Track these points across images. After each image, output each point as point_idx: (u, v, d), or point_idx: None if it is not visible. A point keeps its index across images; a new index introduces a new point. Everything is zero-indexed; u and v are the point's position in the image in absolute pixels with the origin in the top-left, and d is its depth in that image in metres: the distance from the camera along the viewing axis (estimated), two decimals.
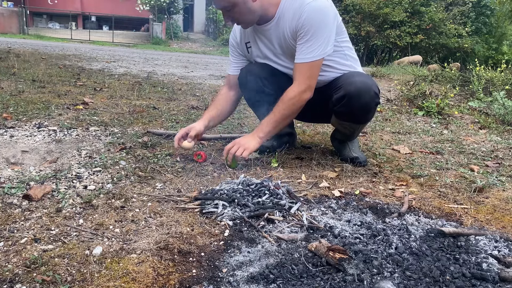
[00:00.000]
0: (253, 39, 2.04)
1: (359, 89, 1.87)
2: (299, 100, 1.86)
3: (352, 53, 2.04)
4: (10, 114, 2.59)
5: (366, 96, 1.88)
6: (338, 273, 1.08)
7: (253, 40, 2.04)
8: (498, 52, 16.70)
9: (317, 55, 1.81)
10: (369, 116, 2.01)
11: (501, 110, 3.73)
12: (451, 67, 6.49)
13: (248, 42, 2.08)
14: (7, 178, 1.61)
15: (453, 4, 15.37)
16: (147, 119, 2.82)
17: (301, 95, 1.85)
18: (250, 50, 2.09)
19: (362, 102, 1.89)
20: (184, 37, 20.11)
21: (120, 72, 5.55)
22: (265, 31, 1.94)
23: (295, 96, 1.85)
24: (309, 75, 1.85)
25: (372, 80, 1.95)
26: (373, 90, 1.88)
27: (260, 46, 2.02)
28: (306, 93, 1.86)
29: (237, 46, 2.15)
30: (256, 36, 2.01)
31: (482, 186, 1.85)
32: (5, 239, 1.17)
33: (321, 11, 1.78)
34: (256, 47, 2.05)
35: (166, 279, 1.03)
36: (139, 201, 1.50)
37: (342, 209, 1.53)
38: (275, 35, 1.92)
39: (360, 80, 1.89)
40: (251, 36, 2.04)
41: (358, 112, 1.94)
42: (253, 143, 1.87)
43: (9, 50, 7.39)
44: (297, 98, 1.85)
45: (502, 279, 1.07)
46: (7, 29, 16.36)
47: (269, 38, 1.96)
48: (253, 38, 2.03)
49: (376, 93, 1.90)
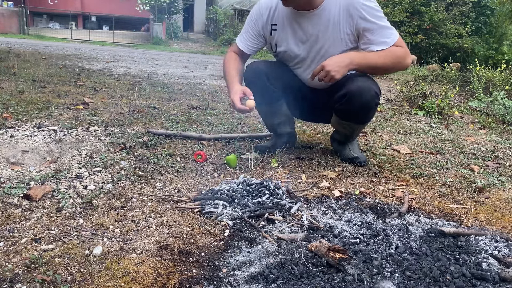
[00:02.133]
0: (282, 23, 1.98)
1: (360, 88, 1.88)
2: (402, 63, 1.87)
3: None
4: (10, 114, 2.59)
5: (367, 95, 1.88)
6: (338, 273, 1.08)
7: (281, 24, 1.98)
8: (498, 52, 16.68)
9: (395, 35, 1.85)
10: (369, 115, 2.02)
11: (501, 110, 3.73)
12: (451, 67, 6.49)
13: (274, 24, 2.01)
14: (7, 178, 1.61)
15: (453, 4, 15.36)
16: (147, 119, 2.82)
17: (405, 58, 1.86)
18: (274, 33, 2.02)
19: (363, 101, 1.89)
20: (184, 37, 20.11)
21: (120, 72, 5.55)
22: (304, 17, 1.90)
23: (402, 57, 1.85)
24: (403, 43, 1.88)
25: (374, 81, 1.96)
26: (373, 90, 1.89)
27: (288, 31, 1.97)
28: (408, 59, 1.88)
29: (259, 24, 2.04)
30: (287, 21, 1.96)
31: (482, 186, 1.85)
32: (5, 239, 1.17)
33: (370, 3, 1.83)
34: (282, 30, 1.99)
35: (166, 279, 1.03)
36: (139, 201, 1.50)
37: (342, 209, 1.53)
38: (314, 23, 1.89)
39: (362, 79, 1.90)
40: (280, 19, 1.98)
41: (359, 111, 1.94)
42: (342, 73, 1.80)
43: (9, 50, 7.39)
44: (402, 60, 1.86)
45: (502, 279, 1.07)
46: (7, 29, 16.36)
47: (304, 24, 1.92)
48: (283, 21, 1.97)
49: (377, 93, 1.91)
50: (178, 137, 2.38)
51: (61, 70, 5.06)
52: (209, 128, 2.71)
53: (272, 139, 2.31)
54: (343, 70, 1.79)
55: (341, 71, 1.78)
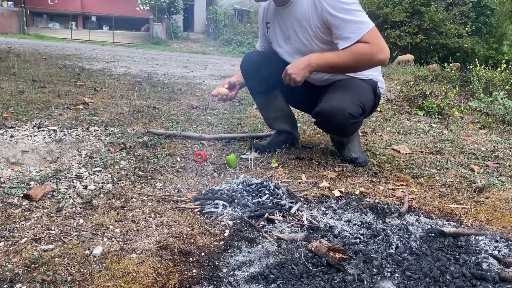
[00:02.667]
0: (273, 20, 2.03)
1: (333, 108, 1.81)
2: (371, 59, 1.72)
3: None
4: (10, 114, 2.59)
5: (339, 117, 1.81)
6: (338, 273, 1.08)
7: (272, 21, 2.03)
8: (498, 52, 16.69)
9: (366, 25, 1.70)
10: (347, 132, 1.95)
11: (501, 110, 3.73)
12: (451, 67, 6.49)
13: (268, 23, 2.07)
14: (7, 178, 1.61)
15: (453, 4, 15.36)
16: (147, 119, 2.82)
17: (374, 53, 1.70)
18: (269, 30, 2.08)
19: (335, 122, 1.85)
20: (184, 37, 20.11)
21: (120, 72, 5.55)
22: (283, 13, 1.93)
23: (366, 53, 1.70)
24: (376, 36, 1.71)
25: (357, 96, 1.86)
26: (347, 111, 1.79)
27: (276, 28, 2.02)
28: (379, 53, 1.71)
29: (260, 24, 2.16)
30: (275, 17, 2.00)
31: (482, 186, 1.85)
32: (5, 239, 1.17)
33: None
34: (273, 28, 2.04)
35: (166, 279, 1.03)
36: (139, 201, 1.50)
37: (342, 209, 1.53)
38: (290, 18, 1.91)
39: (337, 98, 1.82)
40: (272, 17, 2.03)
41: (332, 131, 1.96)
42: (302, 75, 1.77)
43: (9, 50, 7.39)
44: (369, 56, 1.71)
45: (502, 279, 1.07)
46: (7, 29, 16.36)
47: (284, 20, 1.95)
48: (273, 19, 2.02)
49: (351, 113, 1.81)
50: (178, 137, 2.38)
51: (61, 70, 5.06)
52: (209, 128, 2.71)
53: (270, 138, 2.31)
54: (302, 72, 1.77)
55: (300, 73, 1.77)
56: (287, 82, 1.83)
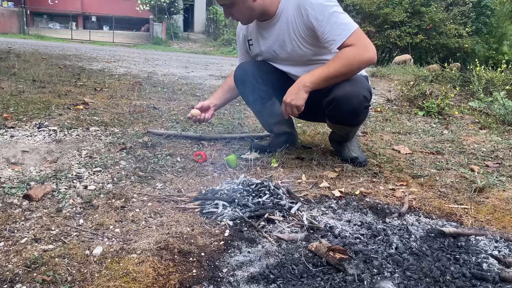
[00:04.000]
0: (255, 36, 2.06)
1: (347, 93, 1.83)
2: (360, 61, 1.74)
3: None
4: (11, 114, 2.59)
5: (354, 101, 1.83)
6: (338, 273, 1.07)
7: (255, 37, 2.07)
8: (498, 52, 16.70)
9: (350, 27, 1.74)
10: (360, 119, 1.97)
11: (501, 110, 3.73)
12: (451, 67, 6.49)
13: (250, 40, 2.11)
14: (8, 178, 1.61)
15: (453, 4, 15.37)
16: (148, 119, 2.82)
17: (361, 53, 1.73)
18: (252, 47, 2.12)
19: (351, 107, 1.85)
20: (184, 37, 20.12)
21: (120, 72, 5.55)
22: (267, 28, 1.96)
23: (353, 54, 1.73)
24: (359, 37, 1.74)
25: (364, 83, 1.91)
26: (361, 94, 1.83)
27: (261, 43, 2.05)
28: (366, 53, 1.73)
29: (241, 41, 2.20)
30: (258, 33, 2.04)
31: (483, 186, 1.85)
32: (6, 239, 1.17)
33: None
34: (257, 44, 2.07)
35: (166, 279, 1.03)
36: (139, 201, 1.50)
37: (342, 209, 1.53)
38: (277, 32, 1.94)
39: (349, 84, 1.84)
40: (253, 33, 2.07)
41: (348, 116, 1.92)
42: (301, 98, 1.80)
43: (9, 50, 7.39)
44: (356, 57, 1.73)
45: (503, 279, 1.07)
46: (7, 29, 16.36)
47: (270, 34, 1.97)
48: (255, 35, 2.06)
49: (365, 96, 1.84)
50: (178, 137, 2.38)
51: (61, 70, 5.06)
52: (209, 128, 2.71)
53: (270, 139, 2.31)
54: (300, 95, 1.79)
55: (299, 97, 1.79)
56: (289, 112, 1.85)
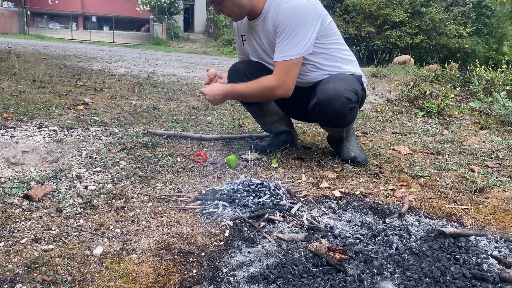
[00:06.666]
0: (248, 34, 2.06)
1: (330, 96, 1.82)
2: (270, 92, 1.86)
3: (344, 55, 2.00)
4: (11, 114, 2.59)
5: (337, 103, 1.82)
6: (338, 273, 1.08)
7: (247, 35, 2.06)
8: (498, 53, 16.71)
9: (292, 54, 1.79)
10: (346, 120, 1.94)
11: (501, 110, 3.73)
12: (451, 67, 6.49)
13: (243, 35, 2.10)
14: (8, 178, 1.61)
15: (454, 5, 15.38)
16: (148, 119, 2.82)
17: (274, 89, 1.84)
18: (245, 43, 2.11)
19: (334, 109, 1.84)
20: (184, 38, 20.13)
21: (120, 72, 5.56)
22: (255, 27, 1.96)
23: (268, 87, 1.84)
24: (285, 72, 1.82)
25: (349, 83, 1.88)
26: (344, 96, 1.81)
27: (253, 42, 2.04)
28: (279, 89, 1.84)
29: (236, 37, 2.19)
30: (249, 31, 2.04)
31: (483, 187, 1.85)
32: (6, 239, 1.18)
33: (299, 8, 1.77)
34: (249, 41, 2.07)
35: (167, 279, 1.04)
36: (139, 201, 1.50)
37: (343, 210, 1.53)
38: (262, 32, 1.94)
39: (332, 87, 1.83)
40: (246, 30, 2.06)
41: (333, 118, 1.90)
42: (217, 101, 1.96)
43: (9, 50, 7.40)
44: (269, 90, 1.85)
45: (503, 280, 1.07)
46: (7, 29, 16.37)
47: (258, 34, 1.97)
48: (247, 32, 2.05)
49: (349, 98, 1.82)
50: (179, 138, 2.38)
51: (62, 71, 5.06)
52: (209, 129, 2.72)
53: (270, 139, 2.31)
54: (218, 99, 1.95)
55: (216, 101, 1.95)
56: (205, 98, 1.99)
